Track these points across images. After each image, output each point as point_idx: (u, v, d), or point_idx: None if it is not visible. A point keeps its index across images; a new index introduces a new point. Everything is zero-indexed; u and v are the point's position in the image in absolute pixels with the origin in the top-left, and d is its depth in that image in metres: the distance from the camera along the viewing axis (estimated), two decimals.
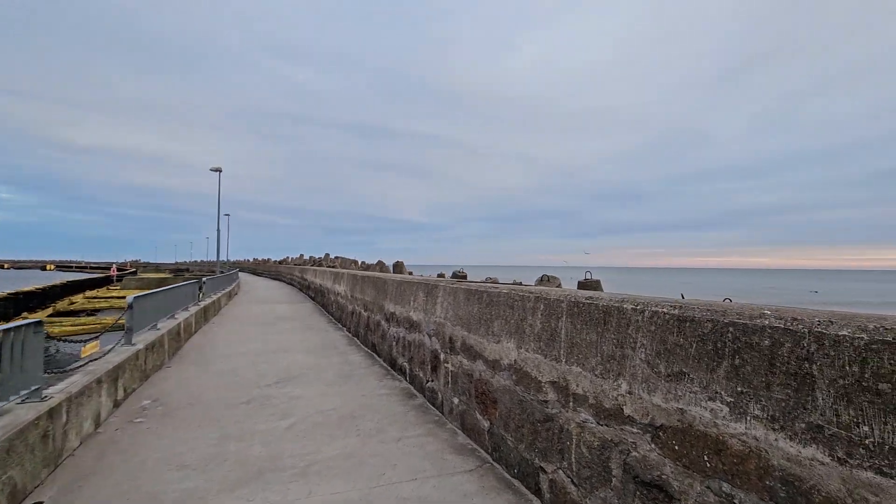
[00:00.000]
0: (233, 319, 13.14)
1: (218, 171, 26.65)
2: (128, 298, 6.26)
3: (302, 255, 36.07)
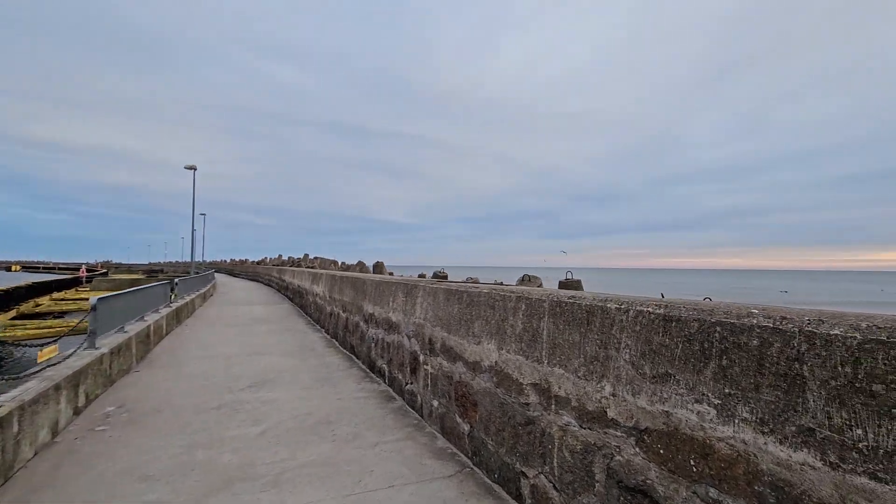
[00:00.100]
0: (207, 321, 12.74)
1: (193, 169, 25.94)
2: (91, 300, 5.94)
3: (280, 256, 35.44)
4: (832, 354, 1.49)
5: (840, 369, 1.47)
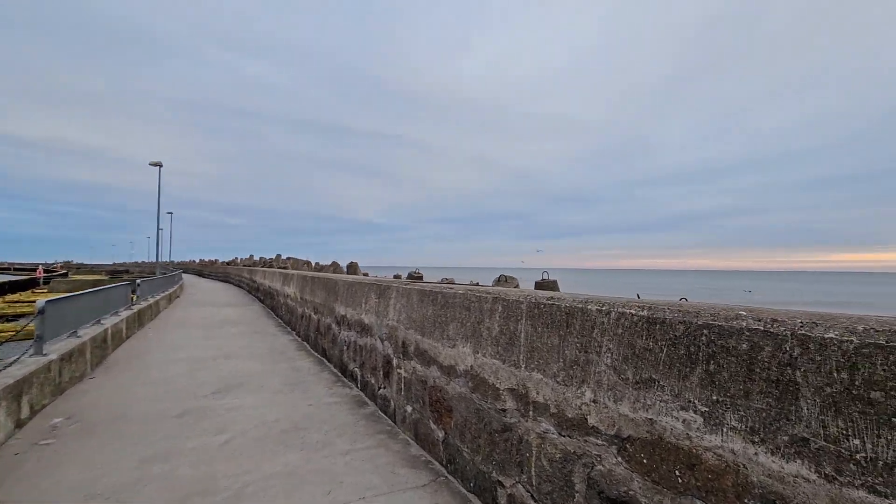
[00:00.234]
0: (172, 324, 12.21)
1: (158, 166, 24.96)
2: (39, 303, 5.52)
3: (252, 257, 34.54)
4: (827, 359, 1.41)
5: (836, 375, 1.39)
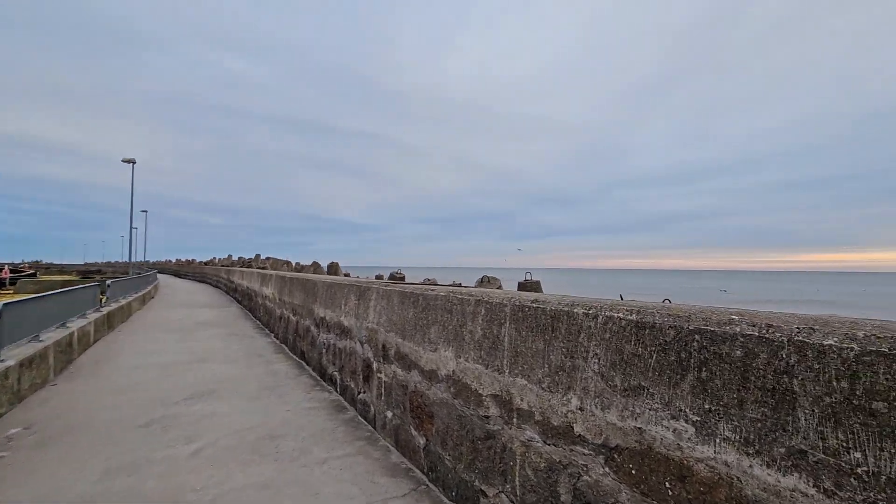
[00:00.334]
0: (144, 327, 11.79)
1: (131, 163, 24.18)
2: None
3: (230, 256, 33.82)
4: (826, 367, 1.34)
5: (835, 384, 1.32)
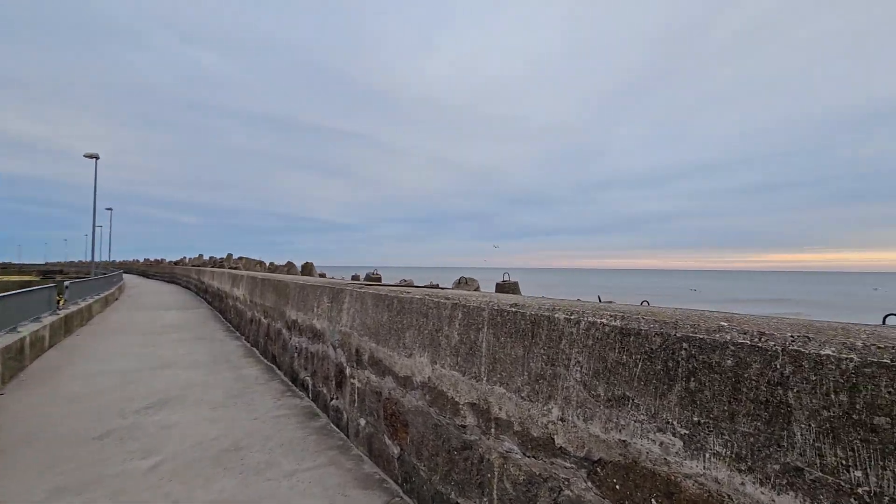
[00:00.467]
0: (106, 331, 11.23)
1: (94, 158, 23.12)
2: None
3: (201, 256, 32.81)
4: (823, 379, 1.25)
5: (833, 397, 1.23)
